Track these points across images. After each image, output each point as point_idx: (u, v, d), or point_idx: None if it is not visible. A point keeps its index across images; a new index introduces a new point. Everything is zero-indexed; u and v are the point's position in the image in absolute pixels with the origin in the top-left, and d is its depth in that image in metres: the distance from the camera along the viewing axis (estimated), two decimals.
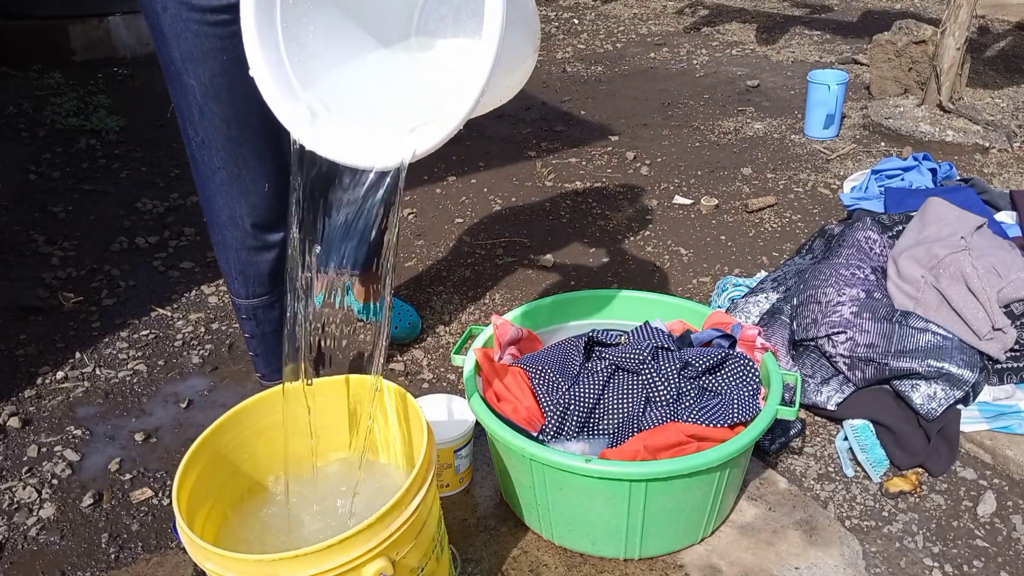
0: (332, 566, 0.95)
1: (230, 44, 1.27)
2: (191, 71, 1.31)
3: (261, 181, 1.44)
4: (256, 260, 1.53)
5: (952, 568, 1.39)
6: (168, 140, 3.46)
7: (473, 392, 1.39)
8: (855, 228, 2.06)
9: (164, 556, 1.45)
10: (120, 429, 1.79)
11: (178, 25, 1.28)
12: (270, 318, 1.62)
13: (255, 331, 1.63)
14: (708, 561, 1.37)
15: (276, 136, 1.42)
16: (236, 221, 1.47)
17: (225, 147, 1.39)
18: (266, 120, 1.29)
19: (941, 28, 3.27)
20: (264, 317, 1.61)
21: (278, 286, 1.59)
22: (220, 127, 1.36)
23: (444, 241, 2.62)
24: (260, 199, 1.45)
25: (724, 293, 2.14)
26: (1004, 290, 1.75)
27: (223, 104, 1.34)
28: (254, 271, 1.54)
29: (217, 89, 1.33)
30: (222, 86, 1.33)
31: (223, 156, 1.40)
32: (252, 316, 1.61)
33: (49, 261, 2.48)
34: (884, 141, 3.30)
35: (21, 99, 3.84)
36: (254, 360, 1.71)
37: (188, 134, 1.40)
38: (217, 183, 1.43)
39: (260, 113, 1.26)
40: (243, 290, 1.57)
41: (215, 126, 1.36)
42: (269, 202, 1.47)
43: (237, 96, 1.33)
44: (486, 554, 1.39)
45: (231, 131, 1.37)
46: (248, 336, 1.66)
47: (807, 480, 1.59)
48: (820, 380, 1.75)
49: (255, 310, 1.60)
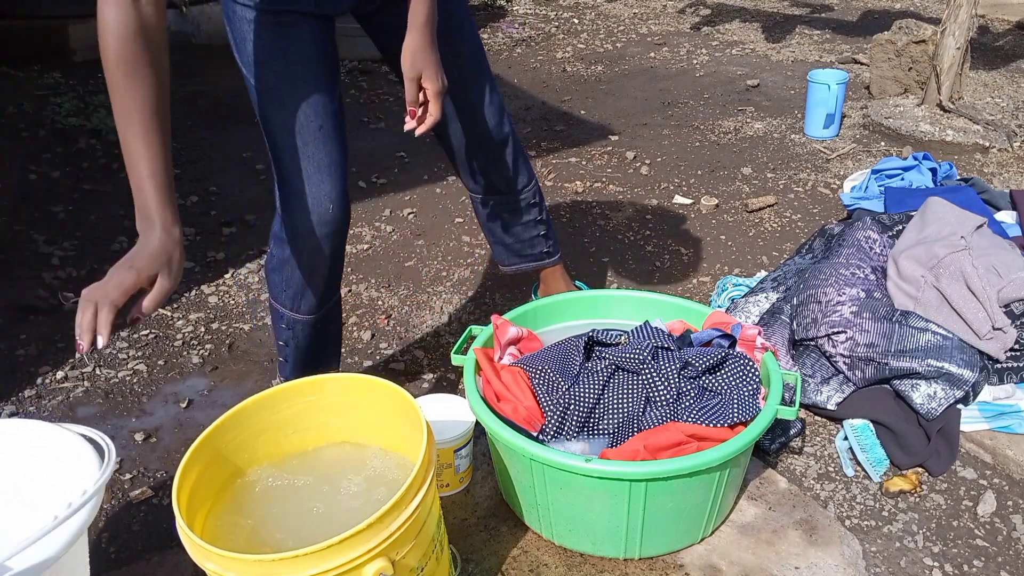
0: (332, 566, 0.95)
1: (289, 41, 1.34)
2: (253, 72, 1.36)
3: (326, 186, 1.42)
4: (313, 262, 1.49)
5: (952, 568, 1.39)
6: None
7: (473, 392, 1.39)
8: (855, 228, 2.06)
9: (164, 556, 1.45)
10: (120, 429, 1.79)
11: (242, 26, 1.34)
12: (308, 334, 1.60)
13: (290, 341, 1.61)
14: (708, 561, 1.36)
15: (339, 144, 1.43)
16: (305, 229, 1.44)
17: (291, 152, 1.39)
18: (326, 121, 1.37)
19: (941, 28, 3.27)
20: (302, 333, 1.60)
21: (324, 305, 1.57)
22: (276, 99, 1.38)
23: (444, 241, 2.62)
24: (328, 209, 1.43)
25: (724, 293, 2.14)
26: (1004, 290, 1.75)
27: (284, 110, 1.37)
28: (306, 277, 1.51)
29: (279, 93, 1.36)
30: (285, 90, 1.36)
31: (289, 162, 1.40)
32: (291, 327, 1.59)
33: (49, 261, 2.48)
34: (884, 141, 3.30)
35: (21, 99, 3.84)
36: (280, 365, 1.69)
37: (256, 107, 1.41)
38: (282, 158, 1.42)
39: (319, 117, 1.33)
40: (290, 302, 1.55)
41: (272, 99, 1.38)
42: (337, 215, 1.45)
43: (294, 102, 1.36)
44: (486, 554, 1.39)
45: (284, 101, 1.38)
46: (282, 343, 1.63)
47: (807, 480, 1.59)
48: (820, 380, 1.75)
49: (296, 323, 1.58)
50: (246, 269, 2.45)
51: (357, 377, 1.26)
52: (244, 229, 2.71)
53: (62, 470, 1.10)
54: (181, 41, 4.69)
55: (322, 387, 1.26)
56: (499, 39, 5.11)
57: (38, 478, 1.13)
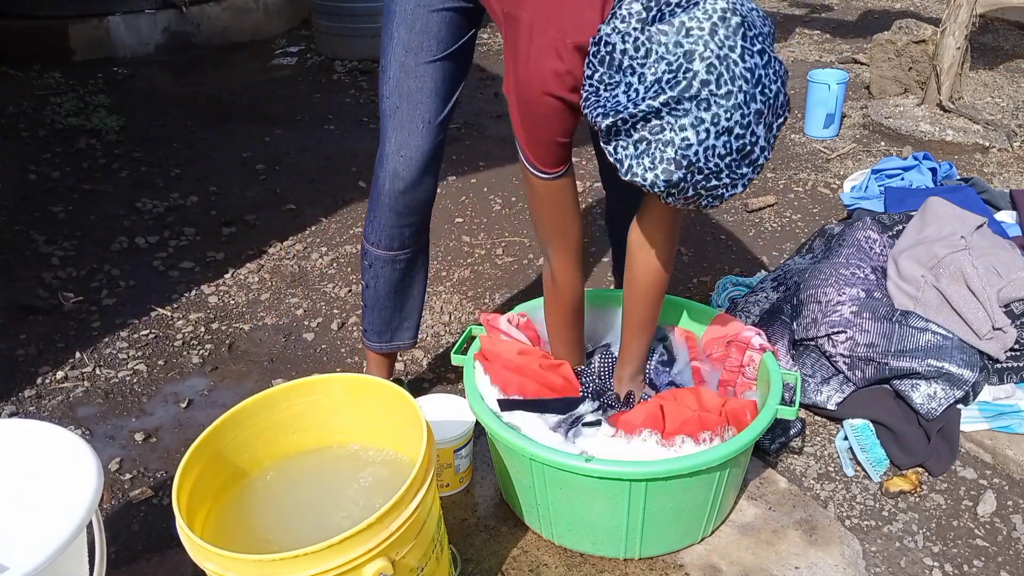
0: (332, 566, 0.95)
1: None
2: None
3: (417, 120, 1.46)
4: (394, 207, 1.53)
5: (952, 568, 1.39)
6: (168, 140, 3.46)
7: (473, 392, 1.39)
8: (855, 228, 2.06)
9: (164, 556, 1.45)
10: (120, 429, 1.79)
11: None
12: (387, 276, 1.62)
13: (371, 281, 1.64)
14: (708, 561, 1.36)
15: (447, 85, 1.47)
16: (395, 163, 1.48)
17: (395, 76, 1.43)
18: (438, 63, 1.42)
19: (941, 28, 3.27)
20: (381, 272, 1.62)
21: (410, 247, 1.60)
22: (399, 53, 1.41)
23: (444, 241, 2.62)
24: (419, 143, 1.47)
25: (724, 293, 2.14)
26: (1004, 289, 1.75)
27: (411, 32, 1.40)
28: (389, 220, 1.55)
29: (410, 15, 1.40)
30: (415, 13, 1.39)
31: (390, 85, 1.44)
32: (372, 265, 1.62)
33: (49, 261, 2.48)
34: (884, 140, 3.30)
35: (21, 99, 3.84)
36: (363, 311, 1.71)
37: (382, 65, 1.46)
38: (383, 111, 1.47)
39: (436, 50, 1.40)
40: (373, 236, 1.58)
41: (395, 52, 1.42)
42: (425, 157, 1.48)
43: (418, 28, 1.40)
44: (486, 554, 1.39)
45: (407, 59, 1.41)
46: (364, 286, 1.66)
47: (807, 480, 1.59)
48: (820, 380, 1.75)
49: (377, 260, 1.61)
50: (246, 269, 2.45)
51: (357, 377, 1.26)
52: (244, 229, 2.71)
53: (62, 470, 1.10)
54: (181, 41, 4.69)
55: (322, 387, 1.26)
56: (499, 39, 5.12)
57: (38, 478, 1.14)
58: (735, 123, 1.02)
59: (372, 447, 1.31)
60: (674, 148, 1.03)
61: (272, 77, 4.36)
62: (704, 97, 1.00)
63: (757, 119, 1.04)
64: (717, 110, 1.01)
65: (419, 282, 1.68)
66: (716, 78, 1.00)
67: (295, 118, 3.75)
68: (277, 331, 2.15)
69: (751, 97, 1.02)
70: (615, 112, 1.05)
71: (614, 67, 1.06)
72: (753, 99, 1.03)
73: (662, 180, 1.06)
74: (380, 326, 1.68)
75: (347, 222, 2.76)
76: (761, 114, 1.04)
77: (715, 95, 1.00)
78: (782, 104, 1.08)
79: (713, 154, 1.04)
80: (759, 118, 1.04)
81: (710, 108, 1.01)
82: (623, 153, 1.08)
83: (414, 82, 1.43)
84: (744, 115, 1.02)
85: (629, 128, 1.05)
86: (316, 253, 2.55)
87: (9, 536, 1.15)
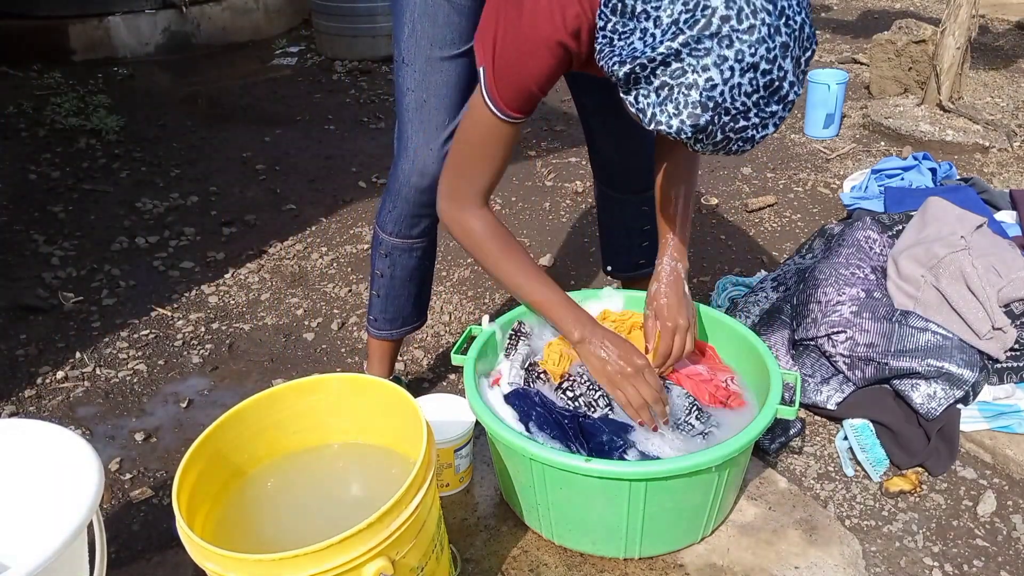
0: (332, 566, 0.95)
1: None
2: None
3: (443, 115, 1.46)
4: (416, 201, 1.54)
5: (952, 568, 1.39)
6: (168, 140, 3.46)
7: (473, 392, 1.38)
8: (855, 228, 2.06)
9: (164, 556, 1.45)
10: (120, 429, 1.80)
11: None
12: (404, 263, 1.63)
13: (386, 270, 1.64)
14: (708, 561, 1.37)
15: (466, 82, 1.47)
16: (423, 157, 1.49)
17: (421, 69, 1.43)
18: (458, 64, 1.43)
19: (941, 28, 3.27)
20: (399, 261, 1.62)
21: (425, 236, 1.61)
22: (424, 46, 1.41)
23: (444, 241, 2.62)
24: (437, 135, 1.47)
25: (724, 293, 2.14)
26: (1004, 289, 1.75)
27: (434, 25, 1.40)
28: (409, 211, 1.55)
29: (432, 7, 1.39)
30: (435, 5, 1.39)
31: (416, 78, 1.44)
32: (389, 254, 1.62)
33: (49, 261, 2.48)
34: (884, 141, 3.30)
35: (21, 99, 3.84)
36: (371, 301, 1.71)
37: (396, 54, 1.47)
38: (406, 105, 1.47)
39: (455, 47, 1.40)
40: (390, 226, 1.58)
41: (420, 45, 1.41)
42: (441, 151, 1.48)
43: (441, 22, 1.40)
44: (486, 554, 1.39)
45: (433, 52, 1.42)
46: (378, 275, 1.66)
47: (807, 480, 1.59)
48: (820, 380, 1.75)
49: (394, 250, 1.61)
50: (246, 269, 2.45)
51: (357, 377, 1.26)
52: (244, 229, 2.71)
53: (63, 470, 1.10)
54: (181, 41, 4.69)
55: (322, 387, 1.26)
56: None
57: (39, 478, 1.14)
58: (760, 58, 0.97)
59: (372, 447, 1.30)
60: (698, 90, 0.98)
61: (272, 77, 4.37)
62: (725, 34, 0.95)
63: (783, 53, 0.98)
64: (740, 46, 0.96)
65: (432, 267, 1.71)
66: (736, 12, 0.95)
67: (295, 118, 3.76)
68: (277, 331, 2.15)
69: (775, 30, 0.97)
70: (632, 58, 1.00)
71: (627, 15, 1.02)
72: (777, 32, 0.97)
73: (689, 125, 1.01)
74: (393, 313, 1.69)
75: (347, 222, 2.76)
76: (787, 47, 0.99)
77: (737, 31, 0.95)
78: (808, 36, 1.02)
79: (740, 92, 0.98)
80: (785, 51, 0.99)
81: (732, 45, 0.96)
82: (645, 102, 1.03)
83: (440, 76, 1.43)
84: (769, 49, 0.97)
85: (649, 75, 1.00)
86: (316, 253, 2.55)
87: (9, 536, 1.15)
